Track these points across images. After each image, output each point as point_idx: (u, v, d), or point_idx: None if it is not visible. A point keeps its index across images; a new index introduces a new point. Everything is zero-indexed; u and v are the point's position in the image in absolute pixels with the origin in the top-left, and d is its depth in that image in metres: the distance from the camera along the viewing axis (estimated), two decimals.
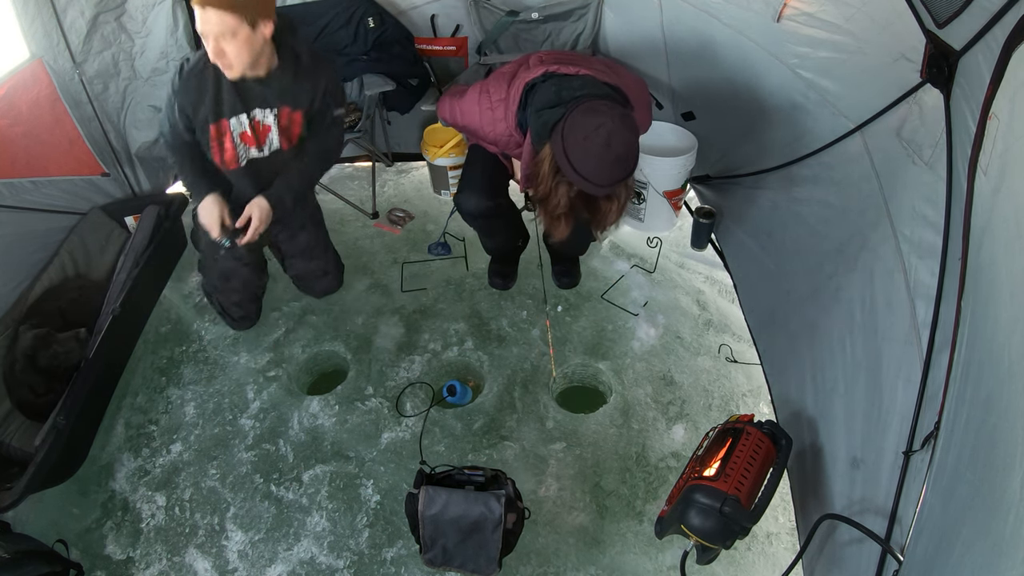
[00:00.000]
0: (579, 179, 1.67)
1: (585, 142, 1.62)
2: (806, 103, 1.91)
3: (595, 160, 1.63)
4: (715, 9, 2.11)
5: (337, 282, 2.58)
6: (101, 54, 2.35)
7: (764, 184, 2.26)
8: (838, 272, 1.71)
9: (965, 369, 1.04)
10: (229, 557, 1.86)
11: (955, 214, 1.22)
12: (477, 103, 1.94)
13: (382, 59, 2.88)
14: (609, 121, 1.62)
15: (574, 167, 1.66)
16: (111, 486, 2.05)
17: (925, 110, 1.38)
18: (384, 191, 3.16)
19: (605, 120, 1.62)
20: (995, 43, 0.99)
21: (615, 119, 1.63)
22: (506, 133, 1.93)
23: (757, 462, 1.51)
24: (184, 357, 2.41)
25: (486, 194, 2.13)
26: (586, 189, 1.70)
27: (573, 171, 1.66)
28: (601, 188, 1.69)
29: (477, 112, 1.94)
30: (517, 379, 2.24)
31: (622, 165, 1.67)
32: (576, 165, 1.65)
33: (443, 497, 1.67)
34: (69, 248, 2.37)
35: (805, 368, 1.79)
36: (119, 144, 2.56)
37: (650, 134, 2.61)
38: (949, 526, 0.97)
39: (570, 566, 1.78)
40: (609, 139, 1.61)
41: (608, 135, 1.61)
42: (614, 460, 2.00)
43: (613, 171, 1.66)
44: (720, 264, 2.55)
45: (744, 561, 1.76)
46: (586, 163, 1.64)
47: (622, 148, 1.64)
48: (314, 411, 2.19)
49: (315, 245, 2.41)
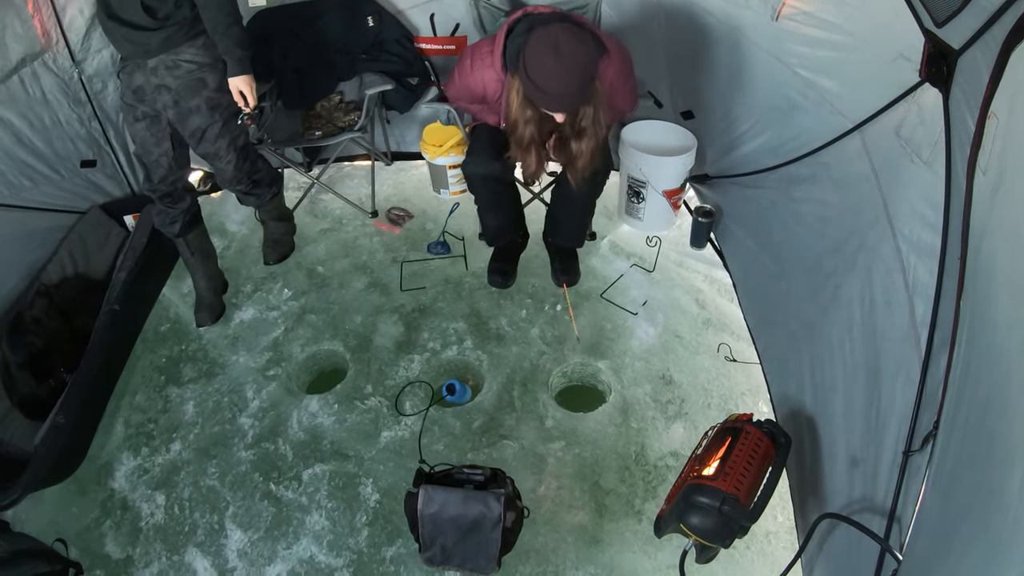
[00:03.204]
0: (533, 89, 1.81)
1: (537, 48, 1.77)
2: (805, 102, 1.91)
3: (544, 65, 1.76)
4: (714, 8, 2.11)
5: (234, 169, 2.33)
6: (100, 52, 2.35)
7: (763, 183, 2.26)
8: (837, 271, 1.71)
9: (964, 368, 1.04)
10: (228, 556, 1.86)
11: (954, 213, 1.22)
12: (471, 58, 2.08)
13: (381, 58, 2.88)
14: (561, 33, 1.75)
15: (528, 75, 1.79)
16: (110, 485, 2.05)
17: (924, 109, 1.38)
18: (383, 190, 3.15)
19: (557, 31, 1.76)
20: (994, 42, 0.99)
21: (566, 31, 1.76)
22: (496, 80, 2.05)
23: (756, 461, 1.51)
24: (183, 356, 2.41)
25: (493, 154, 2.21)
26: (541, 103, 1.85)
27: (528, 80, 1.80)
28: (555, 99, 1.83)
29: (471, 67, 2.07)
30: (516, 378, 2.24)
31: (571, 74, 1.77)
32: (529, 72, 1.79)
33: (442, 496, 1.67)
34: (68, 247, 2.37)
35: (804, 367, 1.79)
36: (119, 143, 2.56)
37: (650, 133, 2.62)
38: (948, 525, 0.97)
39: (569, 565, 1.78)
40: (557, 44, 1.74)
41: (556, 40, 1.74)
42: (613, 459, 2.00)
43: (562, 77, 1.77)
44: (719, 263, 2.56)
45: (743, 560, 1.76)
46: (536, 69, 1.78)
47: (569, 55, 1.75)
48: (313, 410, 2.19)
49: (208, 130, 2.18)
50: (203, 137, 2.18)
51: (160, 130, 2.16)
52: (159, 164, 2.21)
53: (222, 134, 2.21)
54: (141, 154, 2.22)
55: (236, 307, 2.59)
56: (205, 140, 2.20)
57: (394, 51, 2.87)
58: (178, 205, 2.32)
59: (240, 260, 2.81)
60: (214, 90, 2.12)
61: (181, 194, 2.32)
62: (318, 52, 2.90)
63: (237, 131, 2.26)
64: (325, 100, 2.99)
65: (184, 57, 2.04)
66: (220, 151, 2.25)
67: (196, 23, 2.01)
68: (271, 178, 2.56)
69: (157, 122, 2.15)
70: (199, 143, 2.20)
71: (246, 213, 3.03)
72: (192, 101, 2.09)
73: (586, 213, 2.48)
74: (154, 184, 2.25)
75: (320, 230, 2.95)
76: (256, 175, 2.45)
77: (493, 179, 2.26)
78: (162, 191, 2.27)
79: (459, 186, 3.02)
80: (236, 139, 2.27)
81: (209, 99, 2.12)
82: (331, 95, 3.01)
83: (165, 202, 2.29)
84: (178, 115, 2.12)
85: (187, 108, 2.10)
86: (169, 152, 2.20)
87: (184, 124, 2.15)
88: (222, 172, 2.35)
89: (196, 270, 2.47)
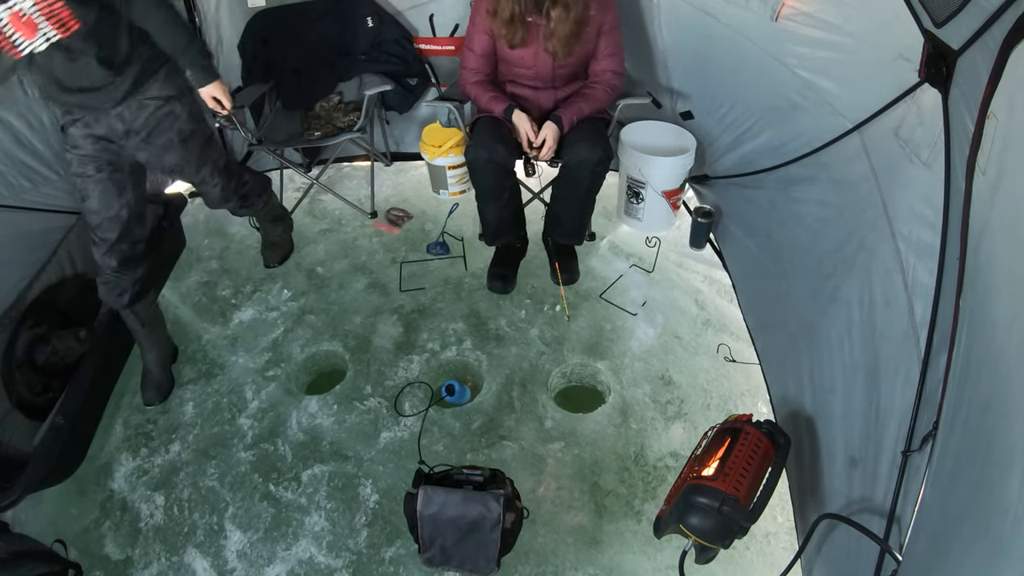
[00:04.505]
0: None
1: None
2: (804, 103, 1.91)
3: None
4: (713, 9, 2.11)
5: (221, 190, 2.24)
6: None
7: (762, 184, 2.26)
8: (836, 272, 1.71)
9: (964, 368, 1.04)
10: (228, 557, 1.86)
11: (953, 213, 1.22)
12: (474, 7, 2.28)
13: (381, 59, 2.88)
14: None
15: None
16: (110, 486, 2.04)
17: (923, 110, 1.38)
18: (382, 191, 3.15)
19: None
20: (993, 42, 0.99)
21: None
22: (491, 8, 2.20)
23: (755, 461, 1.51)
24: (183, 357, 2.41)
25: (496, 139, 2.27)
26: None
27: None
28: None
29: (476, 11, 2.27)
30: (516, 379, 2.24)
31: None
32: None
33: (441, 497, 1.67)
34: (68, 247, 2.36)
35: (803, 367, 1.79)
36: None
37: (649, 134, 2.63)
38: (947, 526, 0.97)
39: (568, 565, 1.78)
40: None
41: None
42: (612, 460, 2.00)
43: None
44: (719, 264, 2.56)
45: (743, 560, 1.76)
46: None
47: None
48: (313, 411, 2.19)
49: (185, 164, 2.11)
50: (183, 173, 2.13)
51: (122, 178, 2.01)
52: (118, 219, 2.02)
53: (202, 162, 2.14)
54: (98, 210, 2.00)
55: (236, 308, 2.59)
56: (185, 174, 2.14)
57: (393, 52, 2.87)
58: (133, 273, 2.11)
59: (240, 260, 2.81)
60: (186, 121, 2.03)
61: (140, 257, 2.12)
62: (317, 53, 2.91)
63: (216, 154, 2.19)
64: (324, 101, 2.99)
65: (150, 95, 1.94)
66: (205, 178, 2.19)
67: (155, 56, 1.93)
68: (260, 187, 2.50)
69: (119, 171, 2.00)
70: (181, 175, 2.15)
71: None
72: (165, 137, 2.00)
73: (586, 209, 2.49)
74: (112, 245, 2.03)
75: (319, 231, 2.95)
76: (243, 189, 2.39)
77: (495, 164, 2.28)
78: (122, 253, 2.06)
79: (458, 187, 3.02)
80: (217, 161, 2.20)
81: (181, 131, 2.03)
82: (330, 96, 3.01)
83: (122, 268, 2.07)
84: (152, 155, 2.01)
85: (160, 146, 2.00)
86: (131, 203, 2.04)
87: (160, 162, 2.05)
88: (210, 195, 2.29)
89: (145, 343, 2.26)
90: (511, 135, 2.34)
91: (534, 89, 2.38)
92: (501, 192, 2.39)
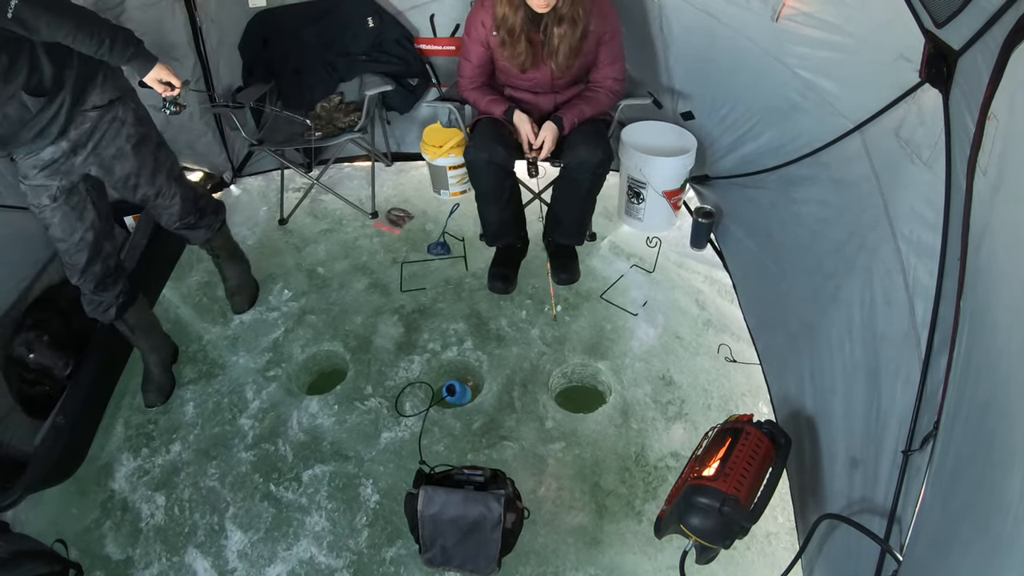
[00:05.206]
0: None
1: None
2: (805, 103, 1.91)
3: None
4: (714, 9, 2.11)
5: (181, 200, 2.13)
6: None
7: (763, 184, 2.26)
8: (837, 272, 1.71)
9: (964, 369, 1.04)
10: (228, 557, 1.86)
11: (954, 214, 1.22)
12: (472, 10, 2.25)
13: (381, 59, 2.89)
14: None
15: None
16: (110, 486, 2.05)
17: (924, 110, 1.38)
18: (383, 191, 3.15)
19: None
20: (994, 43, 0.99)
21: None
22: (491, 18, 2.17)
23: (756, 462, 1.51)
24: (183, 357, 2.41)
25: (496, 140, 2.27)
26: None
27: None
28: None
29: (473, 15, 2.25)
30: (516, 379, 2.24)
31: None
32: None
33: (442, 497, 1.67)
34: None
35: (804, 368, 1.79)
36: None
37: (650, 134, 2.63)
38: (948, 526, 0.97)
39: (569, 566, 1.78)
40: None
41: None
42: (613, 460, 2.00)
43: None
44: (719, 264, 2.56)
45: (743, 561, 1.76)
46: None
47: None
48: (313, 411, 2.19)
49: (141, 172, 1.98)
50: (138, 182, 1.99)
51: (80, 201, 1.91)
52: (84, 242, 1.94)
53: (157, 169, 2.01)
54: (63, 238, 1.92)
55: None
56: (142, 184, 2.00)
57: (394, 52, 2.87)
58: (112, 289, 2.06)
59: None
60: (133, 124, 1.91)
61: (116, 274, 2.07)
62: (318, 53, 2.91)
63: (170, 161, 2.07)
64: (325, 101, 3.00)
65: (90, 105, 1.81)
66: (162, 188, 2.05)
67: (85, 61, 1.77)
68: (215, 204, 2.37)
69: (75, 193, 1.89)
70: (136, 190, 2.00)
71: (246, 214, 3.04)
72: (114, 146, 1.89)
73: (586, 210, 2.49)
74: (85, 269, 1.97)
75: (320, 231, 2.96)
76: (200, 201, 2.25)
77: (495, 165, 2.28)
78: (96, 275, 2.00)
79: (459, 187, 3.02)
80: (172, 169, 2.08)
81: (130, 136, 1.90)
82: (331, 96, 3.02)
83: (99, 289, 2.03)
84: (103, 169, 1.91)
85: (111, 156, 1.89)
86: (96, 224, 1.96)
87: (111, 176, 1.94)
88: (169, 210, 2.14)
89: (142, 347, 2.24)
90: (511, 136, 2.34)
91: (534, 94, 2.38)
92: (501, 193, 2.39)
